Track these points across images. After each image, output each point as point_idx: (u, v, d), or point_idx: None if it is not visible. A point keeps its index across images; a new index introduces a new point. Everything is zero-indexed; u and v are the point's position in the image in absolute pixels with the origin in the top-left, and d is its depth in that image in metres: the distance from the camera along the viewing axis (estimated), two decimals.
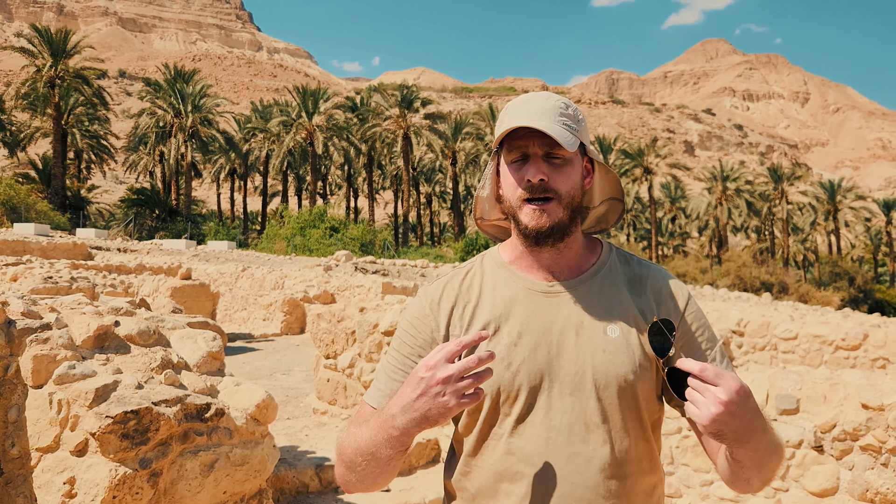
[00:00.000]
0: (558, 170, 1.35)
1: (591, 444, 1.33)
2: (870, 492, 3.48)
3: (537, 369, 1.35)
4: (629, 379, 1.35)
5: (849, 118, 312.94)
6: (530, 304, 1.39)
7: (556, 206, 1.35)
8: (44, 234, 24.78)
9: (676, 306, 1.43)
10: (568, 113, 1.37)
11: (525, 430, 1.34)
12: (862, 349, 8.08)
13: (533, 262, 1.43)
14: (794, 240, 62.12)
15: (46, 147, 51.05)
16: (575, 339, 1.36)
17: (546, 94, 1.40)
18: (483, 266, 1.49)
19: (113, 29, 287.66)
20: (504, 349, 1.36)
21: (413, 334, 1.44)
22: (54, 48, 40.90)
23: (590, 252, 1.48)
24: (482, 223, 1.59)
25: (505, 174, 1.40)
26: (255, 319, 14.45)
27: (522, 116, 1.34)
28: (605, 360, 1.35)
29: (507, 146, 1.39)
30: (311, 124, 45.77)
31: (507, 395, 1.35)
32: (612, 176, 1.51)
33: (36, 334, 2.59)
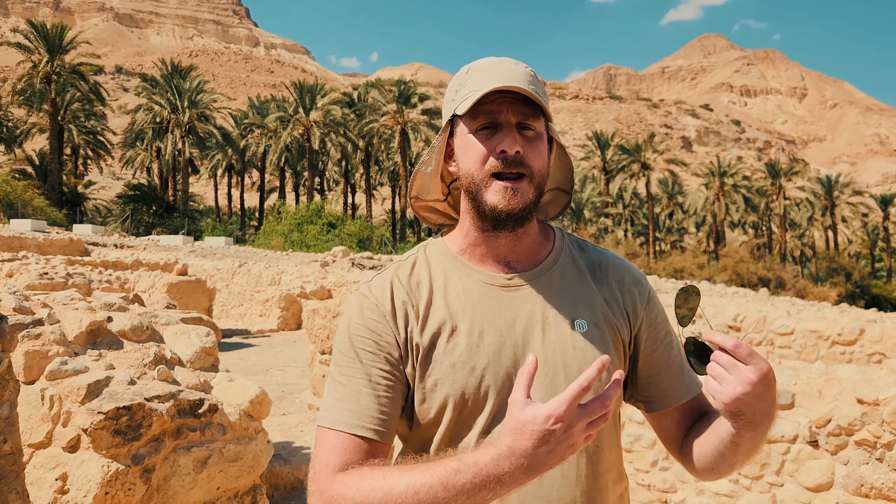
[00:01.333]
0: (531, 143, 1.20)
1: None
2: (864, 486, 3.48)
3: (504, 372, 1.19)
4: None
5: (846, 114, 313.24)
6: (489, 300, 1.24)
7: (527, 186, 1.19)
8: (40, 231, 24.73)
9: (640, 294, 1.32)
10: (537, 83, 1.21)
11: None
12: (858, 344, 8.09)
13: (487, 251, 1.27)
14: (792, 235, 62.22)
15: (43, 143, 50.91)
16: (542, 337, 1.22)
17: (513, 61, 1.24)
18: (428, 257, 1.31)
19: (109, 24, 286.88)
20: (465, 351, 1.19)
21: (373, 338, 1.22)
22: (50, 44, 40.81)
23: (544, 238, 1.33)
24: (416, 203, 1.39)
25: (469, 144, 1.21)
26: (251, 315, 14.44)
27: (496, 78, 1.18)
28: (575, 357, 1.21)
29: (470, 112, 1.20)
30: (308, 120, 45.72)
31: (473, 402, 1.19)
32: (566, 161, 1.36)
33: (28, 330, 2.57)
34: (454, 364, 1.19)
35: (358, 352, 1.22)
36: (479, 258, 1.28)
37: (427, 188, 1.36)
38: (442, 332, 1.22)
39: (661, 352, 1.32)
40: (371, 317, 1.24)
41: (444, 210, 1.40)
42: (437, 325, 1.22)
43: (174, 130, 43.76)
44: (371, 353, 1.22)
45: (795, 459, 3.70)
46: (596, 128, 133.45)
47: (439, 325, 1.22)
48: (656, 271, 37.54)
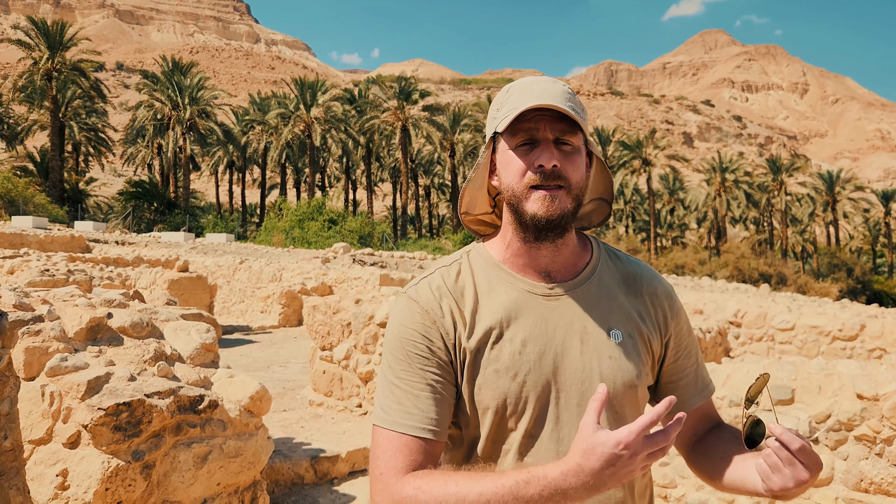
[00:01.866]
0: (569, 158, 1.27)
1: None
2: (864, 482, 3.48)
3: (544, 379, 1.26)
4: (635, 385, 1.30)
5: (848, 109, 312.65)
6: (532, 309, 1.30)
7: (565, 196, 1.26)
8: (42, 228, 24.74)
9: (671, 307, 1.40)
10: (575, 99, 1.30)
11: (533, 445, 1.26)
12: (859, 340, 8.09)
13: (528, 261, 1.33)
14: (793, 231, 62.16)
15: (44, 140, 50.93)
16: (580, 346, 1.28)
17: (552, 79, 1.31)
18: (471, 264, 1.37)
19: (110, 21, 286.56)
20: (508, 358, 1.26)
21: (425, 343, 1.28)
22: (51, 41, 40.76)
23: (582, 249, 1.40)
24: (466, 217, 1.46)
25: (509, 159, 1.28)
26: (252, 312, 14.45)
27: (534, 96, 1.25)
28: (611, 366, 1.28)
29: (510, 129, 1.28)
30: (309, 117, 45.69)
31: (513, 408, 1.26)
32: (606, 175, 1.43)
33: (28, 326, 2.58)
34: (497, 370, 1.26)
35: (411, 356, 1.28)
36: (521, 268, 1.34)
37: (475, 203, 1.44)
38: (487, 339, 1.28)
39: (682, 360, 1.40)
40: (421, 321, 1.30)
41: (493, 221, 1.47)
42: (483, 332, 1.28)
43: (175, 127, 43.74)
44: (424, 358, 1.28)
45: None
46: (597, 124, 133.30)
47: (485, 332, 1.28)
48: (657, 267, 37.52)
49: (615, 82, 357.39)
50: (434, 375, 1.27)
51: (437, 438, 1.25)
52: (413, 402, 1.25)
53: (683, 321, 1.41)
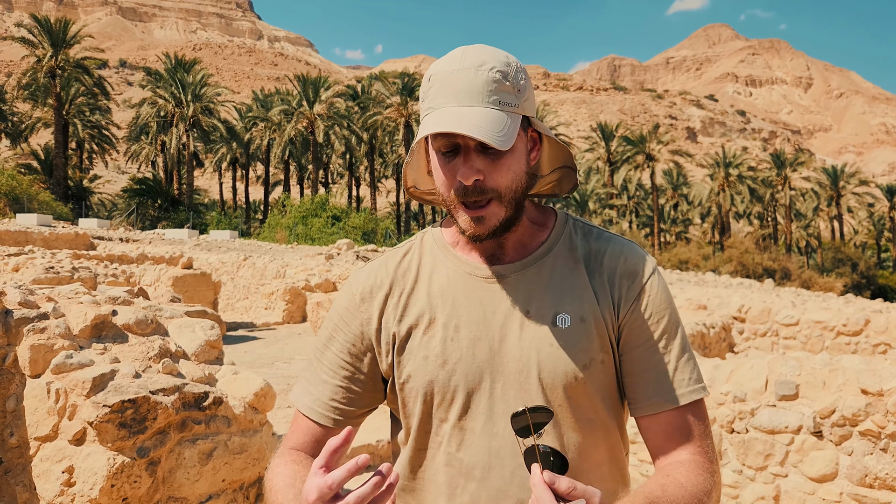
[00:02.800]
0: (495, 163, 1.12)
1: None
2: (868, 477, 3.48)
3: (476, 367, 1.16)
4: (580, 376, 1.15)
5: (852, 103, 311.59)
6: (470, 292, 1.21)
7: (496, 208, 1.14)
8: (46, 225, 24.81)
9: (631, 287, 1.20)
10: (505, 86, 1.11)
11: (465, 438, 1.17)
12: (863, 335, 8.07)
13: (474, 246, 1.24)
14: (797, 226, 62.01)
15: (48, 137, 51.06)
16: (519, 332, 1.17)
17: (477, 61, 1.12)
18: (423, 246, 1.30)
19: (113, 18, 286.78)
20: (438, 344, 1.18)
21: (343, 328, 1.26)
22: (54, 38, 40.84)
23: (539, 227, 1.27)
24: (415, 191, 1.37)
25: (435, 164, 1.17)
26: (256, 308, 14.48)
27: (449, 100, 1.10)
28: (551, 354, 1.15)
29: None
30: (311, 113, 45.70)
31: (441, 397, 1.18)
32: (562, 147, 1.28)
33: (33, 324, 2.59)
34: (427, 357, 1.19)
35: (329, 338, 1.27)
36: (469, 249, 1.25)
37: (419, 181, 1.35)
38: (419, 323, 1.21)
39: (641, 352, 1.19)
40: (346, 306, 1.27)
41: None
42: (415, 316, 1.22)
43: (178, 124, 43.79)
44: (339, 343, 1.26)
45: (799, 450, 3.70)
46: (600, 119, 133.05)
47: (418, 317, 1.21)
48: (661, 263, 37.50)
49: (618, 77, 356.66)
50: (343, 362, 1.25)
51: (327, 424, 1.24)
52: (315, 384, 1.26)
53: (649, 307, 1.20)
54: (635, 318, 1.20)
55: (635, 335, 1.20)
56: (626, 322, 1.20)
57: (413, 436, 1.22)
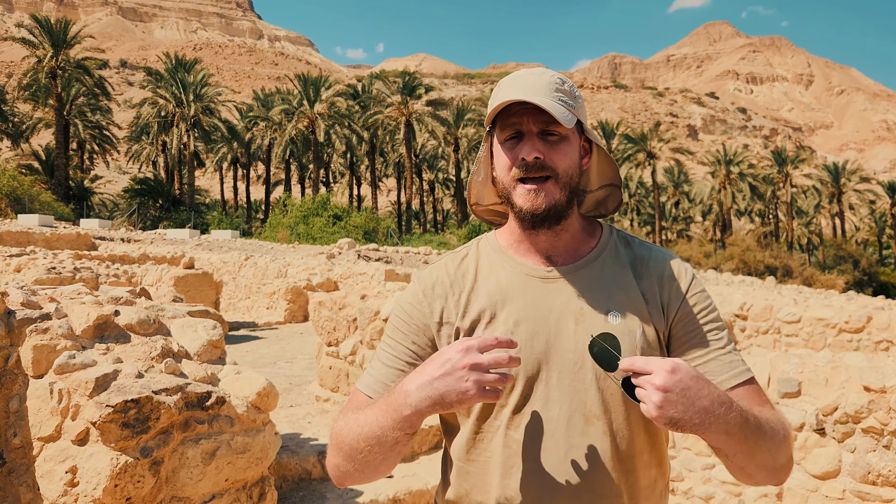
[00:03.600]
0: (554, 147, 1.29)
1: (590, 436, 1.27)
2: (871, 474, 3.48)
3: (534, 358, 1.28)
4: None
5: (853, 100, 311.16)
6: (527, 291, 1.33)
7: (552, 186, 1.29)
8: (48, 225, 24.82)
9: (679, 288, 1.35)
10: (564, 89, 1.31)
11: (522, 421, 1.28)
12: (865, 332, 8.07)
13: (530, 246, 1.37)
14: (799, 223, 61.96)
15: (49, 138, 51.10)
16: (574, 327, 1.29)
17: (541, 70, 1.33)
18: (479, 250, 1.43)
19: (113, 18, 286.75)
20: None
21: (406, 320, 1.38)
22: (55, 38, 40.84)
23: (589, 236, 1.41)
24: (477, 208, 1.51)
25: (498, 154, 1.34)
26: (258, 308, 14.49)
27: (516, 92, 1.27)
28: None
29: (500, 124, 1.33)
30: (312, 112, 45.67)
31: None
32: (610, 161, 1.44)
33: (36, 324, 2.59)
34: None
35: (394, 331, 1.40)
36: (523, 252, 1.38)
37: (482, 195, 1.49)
38: (482, 318, 1.33)
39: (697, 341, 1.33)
40: (410, 301, 1.40)
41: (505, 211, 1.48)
42: (477, 312, 1.33)
43: (179, 124, 43.78)
44: (400, 332, 1.38)
45: (802, 447, 3.70)
46: (601, 117, 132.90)
47: (479, 312, 1.33)
48: None
49: (619, 75, 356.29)
50: (404, 350, 1.36)
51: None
52: (378, 370, 1.37)
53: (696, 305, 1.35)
54: (686, 313, 1.34)
55: (688, 328, 1.33)
56: (678, 318, 1.34)
57: (472, 421, 1.33)
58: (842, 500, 3.58)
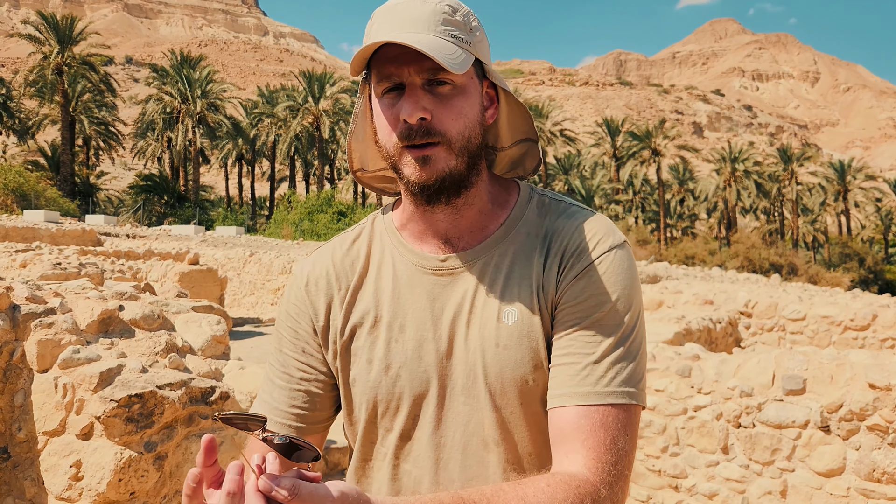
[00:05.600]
0: (445, 102, 1.00)
1: (490, 466, 1.03)
2: (876, 472, 3.47)
3: (422, 373, 1.05)
4: (530, 380, 1.02)
5: (860, 97, 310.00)
6: (417, 287, 1.08)
7: (444, 153, 1.00)
8: (53, 221, 24.90)
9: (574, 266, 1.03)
10: (455, 19, 1.00)
11: (412, 449, 1.06)
12: (871, 330, 8.05)
13: (425, 227, 1.09)
14: (804, 221, 61.79)
15: (55, 134, 51.18)
16: (466, 332, 1.04)
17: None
18: (373, 231, 1.16)
19: (119, 15, 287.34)
20: (382, 346, 1.07)
21: (292, 326, 1.14)
22: (60, 35, 40.95)
23: (500, 208, 1.11)
24: (363, 175, 1.21)
25: (377, 111, 1.03)
26: (263, 304, 14.53)
27: (389, 28, 0.98)
28: (497, 356, 1.02)
29: (375, 73, 1.02)
30: (317, 109, 45.72)
31: (385, 405, 1.06)
32: (523, 111, 1.12)
33: (40, 319, 2.60)
34: (371, 360, 1.07)
35: (280, 339, 1.15)
36: (418, 235, 1.11)
37: (367, 158, 1.18)
38: (364, 321, 1.09)
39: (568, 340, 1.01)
40: (294, 301, 1.15)
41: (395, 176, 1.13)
42: (361, 314, 1.10)
43: (185, 120, 43.89)
44: (290, 343, 1.14)
45: (807, 445, 3.69)
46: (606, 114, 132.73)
47: (363, 314, 1.10)
48: (667, 258, 37.43)
49: (624, 72, 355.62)
50: (297, 363, 1.12)
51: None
52: (269, 392, 1.13)
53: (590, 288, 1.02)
54: (570, 297, 1.02)
55: (566, 318, 1.02)
56: (561, 303, 1.03)
57: (358, 445, 1.11)
58: (846, 497, 3.57)
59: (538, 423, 1.04)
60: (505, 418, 1.03)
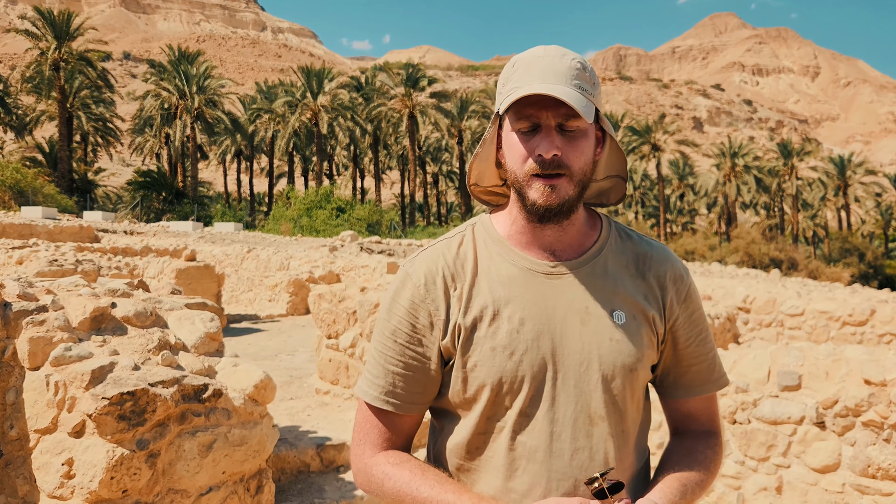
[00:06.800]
0: (572, 143, 1.23)
1: (594, 438, 1.26)
2: (871, 468, 3.47)
3: (541, 358, 1.25)
4: (636, 369, 1.29)
5: (860, 92, 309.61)
6: (532, 287, 1.29)
7: (566, 183, 1.23)
8: (51, 218, 24.87)
9: (679, 291, 1.36)
10: (584, 76, 1.24)
11: (527, 424, 1.26)
12: (869, 325, 8.04)
13: (532, 239, 1.31)
14: (804, 216, 61.77)
15: (52, 130, 51.07)
16: (580, 326, 1.27)
17: (560, 52, 1.25)
18: (475, 238, 1.36)
19: (116, 10, 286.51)
20: (505, 336, 1.26)
21: (410, 319, 1.31)
22: (58, 30, 40.83)
23: (590, 228, 1.37)
24: (476, 189, 1.45)
25: (512, 143, 1.26)
26: (261, 300, 14.51)
27: (535, 79, 1.20)
28: (612, 349, 1.27)
29: (514, 111, 1.24)
30: (316, 104, 45.62)
31: (509, 386, 1.26)
32: (620, 152, 1.40)
33: (32, 316, 2.59)
34: (494, 348, 1.25)
35: (394, 331, 1.32)
36: (525, 245, 1.32)
37: (483, 176, 1.42)
38: (484, 315, 1.27)
39: (696, 347, 1.37)
40: (410, 298, 1.31)
41: (503, 192, 1.44)
42: (479, 309, 1.28)
43: (183, 116, 43.78)
44: (405, 334, 1.31)
45: (802, 441, 3.68)
46: (606, 109, 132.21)
47: (482, 309, 1.27)
48: None
49: (624, 67, 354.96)
50: (412, 352, 1.30)
51: (400, 412, 1.31)
52: (383, 376, 1.31)
53: (695, 306, 1.38)
54: (686, 316, 1.36)
55: (688, 332, 1.36)
56: (678, 321, 1.35)
57: (475, 420, 1.28)
58: (841, 493, 3.57)
59: (636, 404, 1.31)
60: (611, 399, 1.27)
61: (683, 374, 1.37)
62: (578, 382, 1.26)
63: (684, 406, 1.40)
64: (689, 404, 1.40)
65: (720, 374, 1.40)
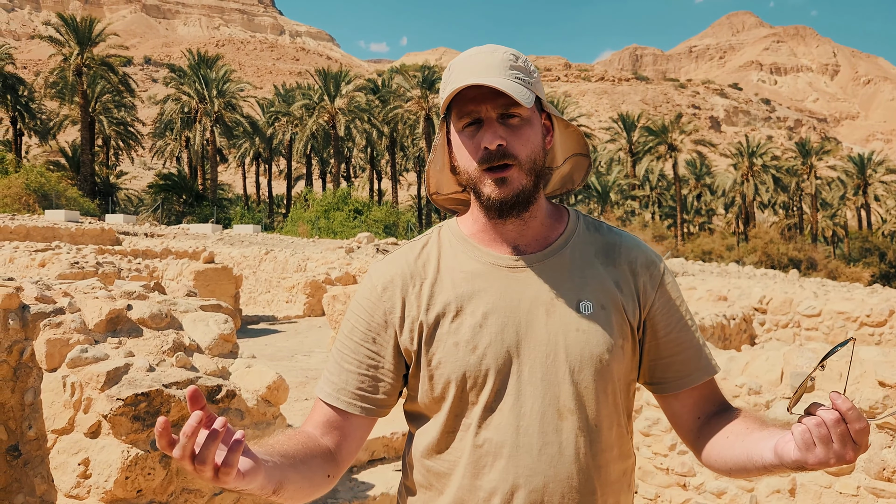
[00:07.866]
0: (516, 132, 1.23)
1: (563, 432, 1.23)
2: (886, 470, 3.44)
3: (505, 352, 1.23)
4: (605, 359, 1.25)
5: (880, 90, 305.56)
6: (496, 281, 1.28)
7: (517, 173, 1.23)
8: (73, 221, 25.19)
9: (653, 276, 1.33)
10: (518, 65, 1.25)
11: (494, 419, 1.23)
12: (888, 325, 7.95)
13: (495, 235, 1.31)
14: (823, 215, 61.04)
15: (75, 135, 51.70)
16: (545, 318, 1.25)
17: (491, 48, 1.27)
18: (441, 239, 1.36)
19: (137, 16, 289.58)
20: (468, 331, 1.25)
21: (365, 318, 1.32)
22: (80, 36, 41.38)
23: (556, 221, 1.36)
24: (437, 198, 1.44)
25: (458, 143, 1.27)
26: (278, 302, 14.61)
27: (468, 74, 1.21)
28: (578, 339, 1.24)
29: (455, 111, 1.26)
30: (333, 107, 45.84)
31: (473, 381, 1.24)
32: (572, 130, 1.38)
33: (49, 318, 2.64)
34: (457, 343, 1.24)
35: (351, 329, 1.33)
36: (488, 242, 1.32)
37: (441, 184, 1.42)
38: (447, 312, 1.27)
39: (677, 334, 1.33)
40: (368, 297, 1.33)
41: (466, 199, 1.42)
42: (442, 305, 1.27)
43: (202, 120, 44.19)
44: (360, 332, 1.32)
45: None
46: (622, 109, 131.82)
47: (445, 305, 1.27)
48: (684, 253, 37.15)
49: (640, 67, 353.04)
50: (366, 350, 1.31)
51: (348, 410, 1.30)
52: (337, 374, 1.32)
53: (672, 292, 1.34)
54: (662, 303, 1.33)
55: (667, 319, 1.33)
56: (655, 308, 1.32)
57: (444, 419, 1.27)
58: (856, 496, 3.54)
59: (606, 396, 1.26)
60: (579, 391, 1.24)
61: (669, 366, 1.33)
62: (546, 375, 1.23)
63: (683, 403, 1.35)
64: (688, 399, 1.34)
65: (707, 362, 1.34)
